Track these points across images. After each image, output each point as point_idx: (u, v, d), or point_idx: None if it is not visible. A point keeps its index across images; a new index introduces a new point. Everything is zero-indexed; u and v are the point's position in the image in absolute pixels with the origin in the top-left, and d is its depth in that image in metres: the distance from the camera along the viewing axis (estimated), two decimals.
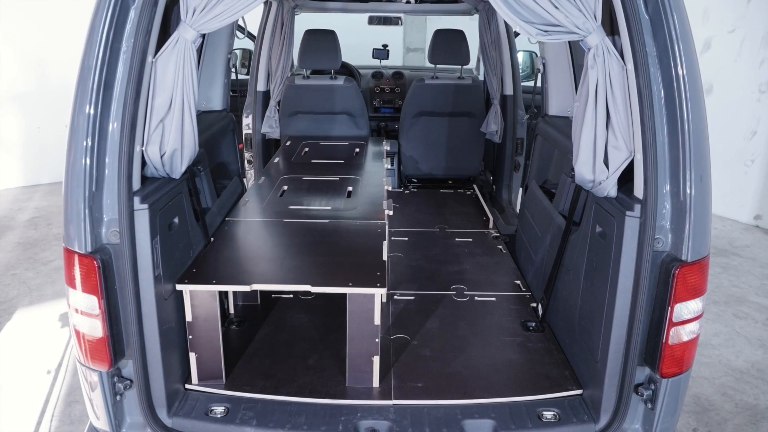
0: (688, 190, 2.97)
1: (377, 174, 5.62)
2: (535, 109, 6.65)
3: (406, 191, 7.59)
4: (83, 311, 3.10)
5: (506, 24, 6.95)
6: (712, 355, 6.21)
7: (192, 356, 3.64)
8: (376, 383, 3.70)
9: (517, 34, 7.16)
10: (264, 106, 7.12)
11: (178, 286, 3.47)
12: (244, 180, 6.74)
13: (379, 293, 3.52)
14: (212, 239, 4.11)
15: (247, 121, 7.07)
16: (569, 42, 5.38)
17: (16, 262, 8.17)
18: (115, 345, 3.15)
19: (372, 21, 8.79)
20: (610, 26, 3.28)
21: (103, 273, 3.02)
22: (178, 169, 3.48)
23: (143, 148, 3.26)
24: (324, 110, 7.25)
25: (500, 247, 5.84)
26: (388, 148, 6.91)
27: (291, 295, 4.74)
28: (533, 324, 4.39)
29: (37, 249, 8.61)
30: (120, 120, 2.98)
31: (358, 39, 9.85)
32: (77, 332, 3.18)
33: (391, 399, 3.60)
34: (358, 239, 4.15)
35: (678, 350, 3.14)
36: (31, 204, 10.51)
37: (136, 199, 3.10)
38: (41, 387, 5.49)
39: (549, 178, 5.52)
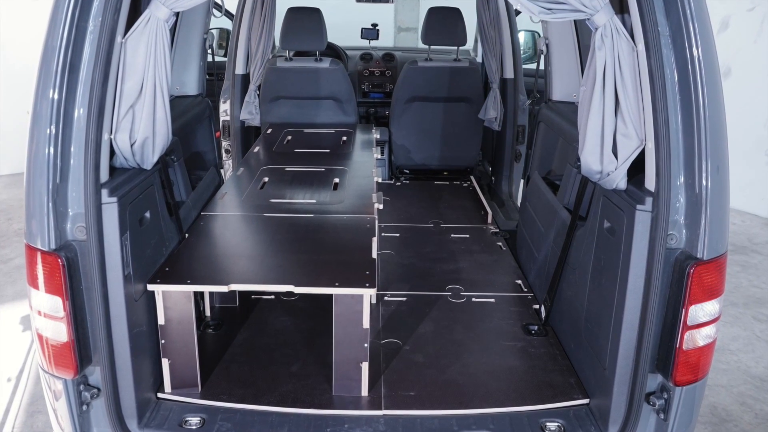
0: (704, 182, 2.98)
1: (366, 164, 5.62)
2: (538, 94, 6.65)
3: (398, 183, 7.60)
4: (47, 314, 3.10)
5: (506, 1, 6.95)
6: (730, 362, 6.23)
7: (165, 362, 3.64)
8: (364, 392, 3.70)
9: (518, 13, 7.16)
10: (243, 91, 7.10)
11: (150, 287, 3.47)
12: (222, 171, 6.73)
13: (368, 294, 3.53)
14: (187, 235, 4.10)
15: (224, 107, 7.06)
16: (575, 21, 5.39)
17: None
18: (81, 350, 3.14)
19: None
20: (619, 4, 3.28)
21: (68, 272, 3.02)
22: (150, 159, 3.47)
23: (112, 137, 3.25)
24: (308, 95, 7.24)
25: (500, 243, 5.85)
26: (378, 137, 6.91)
27: (272, 296, 4.74)
28: (535, 327, 4.41)
29: None
30: (86, 106, 2.97)
31: (345, 18, 9.84)
32: (40, 336, 3.17)
33: (381, 409, 3.61)
34: (346, 235, 4.15)
35: (693, 356, 3.15)
36: None
37: (104, 192, 3.09)
38: (1, 396, 5.48)
39: (553, 169, 5.52)
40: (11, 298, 7.17)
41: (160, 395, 3.67)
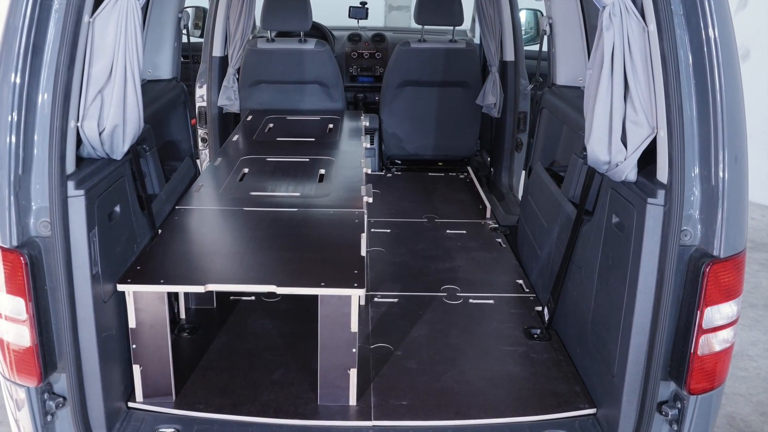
0: (721, 174, 2.98)
1: (354, 154, 5.62)
2: (541, 78, 6.66)
3: (389, 175, 7.61)
4: (8, 316, 3.09)
5: None
6: (750, 368, 6.25)
7: (136, 369, 3.63)
8: (352, 401, 3.71)
9: None
10: (221, 75, 7.10)
11: (120, 287, 3.46)
12: (198, 161, 6.72)
13: (357, 295, 3.53)
14: (160, 231, 4.10)
15: (201, 92, 7.05)
16: None
17: None
18: (45, 356, 3.13)
19: None
20: None
21: (31, 271, 3.01)
22: (120, 149, 3.47)
23: (78, 124, 3.24)
24: (291, 79, 7.24)
25: (499, 240, 5.86)
26: (367, 124, 6.91)
27: (253, 297, 4.74)
28: (538, 331, 4.42)
29: None
30: (51, 91, 2.96)
31: None
32: (1, 341, 3.16)
33: (370, 420, 3.61)
34: (332, 231, 4.16)
35: (709, 362, 3.16)
36: None
37: (70, 184, 3.09)
38: None
39: (557, 159, 5.54)
40: None
41: (131, 404, 3.66)
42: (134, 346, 3.59)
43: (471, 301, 4.80)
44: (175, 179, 5.03)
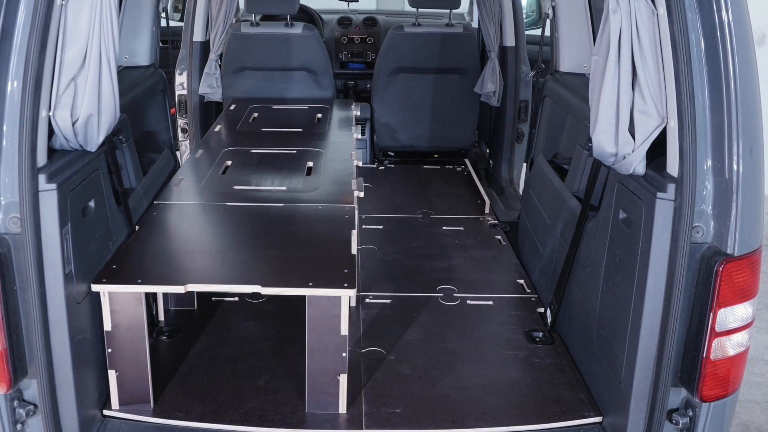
0: (735, 166, 2.99)
1: (344, 146, 5.62)
2: (543, 65, 6.65)
3: (381, 168, 7.61)
4: None
5: None
6: (765, 374, 6.26)
7: (112, 374, 3.63)
8: (342, 409, 3.71)
9: None
10: (202, 61, 7.08)
11: (94, 287, 3.45)
12: (178, 153, 6.71)
13: (347, 296, 3.53)
14: (137, 228, 4.09)
15: (180, 79, 7.03)
16: None
17: None
18: (15, 360, 3.12)
19: None
20: None
21: (0, 270, 3.01)
22: (95, 140, 3.45)
23: (50, 114, 3.22)
24: (277, 66, 7.23)
25: (499, 237, 5.86)
26: (358, 114, 6.91)
27: (236, 298, 4.74)
28: (540, 334, 4.42)
29: None
30: (21, 78, 2.95)
31: None
32: None
33: (361, 428, 3.61)
34: (321, 228, 4.16)
35: (722, 367, 3.17)
36: None
37: (42, 178, 3.07)
38: None
39: (560, 151, 5.54)
40: None
41: (106, 412, 3.66)
42: (110, 350, 3.58)
43: (469, 302, 4.80)
44: (154, 172, 5.02)
